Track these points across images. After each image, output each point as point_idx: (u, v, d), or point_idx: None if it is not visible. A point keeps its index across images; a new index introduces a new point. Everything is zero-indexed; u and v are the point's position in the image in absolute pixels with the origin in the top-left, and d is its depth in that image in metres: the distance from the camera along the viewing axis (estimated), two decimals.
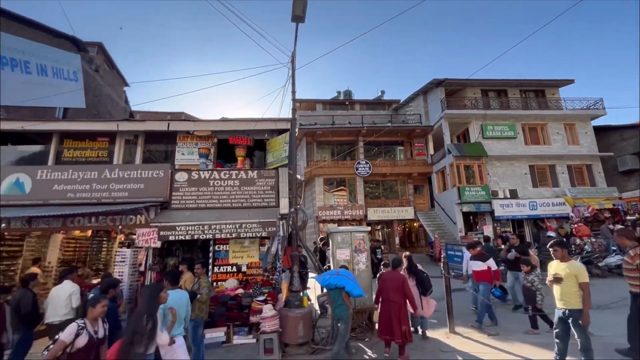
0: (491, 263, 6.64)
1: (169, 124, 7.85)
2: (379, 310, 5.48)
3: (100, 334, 3.19)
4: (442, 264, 6.56)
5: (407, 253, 6.65)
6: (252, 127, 8.10)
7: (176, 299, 4.04)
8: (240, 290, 6.73)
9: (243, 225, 6.74)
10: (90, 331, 3.06)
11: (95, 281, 7.59)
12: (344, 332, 4.96)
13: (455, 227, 16.55)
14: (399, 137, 20.47)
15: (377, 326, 5.65)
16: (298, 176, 8.38)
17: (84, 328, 3.01)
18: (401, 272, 5.60)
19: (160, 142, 8.42)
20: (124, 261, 6.87)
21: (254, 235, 6.81)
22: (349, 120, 22.94)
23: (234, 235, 6.75)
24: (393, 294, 5.10)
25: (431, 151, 20.14)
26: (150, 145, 8.35)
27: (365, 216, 18.06)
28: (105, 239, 10.57)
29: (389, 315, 5.08)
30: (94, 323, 3.14)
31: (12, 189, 6.97)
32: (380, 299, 5.38)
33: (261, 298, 6.44)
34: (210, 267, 7.15)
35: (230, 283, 7.13)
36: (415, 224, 20.23)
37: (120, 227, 7.05)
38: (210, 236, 6.71)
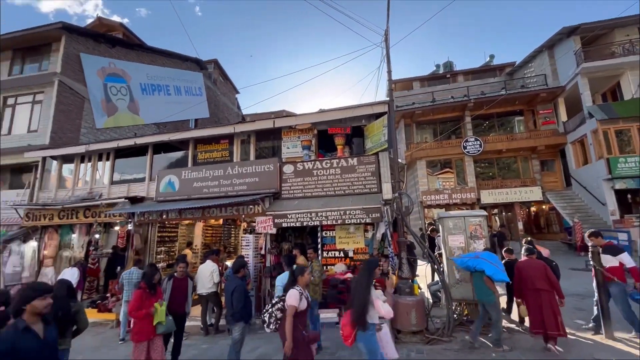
0: (624, 258, 4.99)
1: (274, 121, 8.55)
2: (523, 302, 5.09)
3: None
4: (590, 254, 5.30)
5: (528, 238, 5.79)
6: (348, 115, 8.11)
7: (284, 279, 4.39)
8: (349, 275, 6.91)
9: (347, 212, 6.87)
10: (306, 295, 3.52)
11: (228, 262, 9.00)
12: (497, 317, 4.81)
13: (605, 208, 13.23)
14: (516, 106, 17.44)
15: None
16: (399, 160, 8.02)
17: (302, 293, 3.43)
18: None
19: (268, 139, 9.28)
20: (248, 245, 7.91)
21: (358, 221, 6.87)
22: (452, 94, 20.76)
23: (339, 221, 6.95)
24: (539, 282, 4.63)
25: (563, 118, 16.49)
26: (260, 142, 9.29)
27: (478, 199, 16.17)
28: (232, 226, 12.42)
29: (539, 306, 4.63)
30: (303, 290, 3.56)
31: (167, 188, 8.81)
32: (523, 290, 4.90)
33: None
34: (319, 252, 7.57)
35: (339, 267, 7.40)
36: (544, 207, 17.07)
37: (243, 216, 8.12)
38: (317, 223, 7.07)
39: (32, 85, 12.08)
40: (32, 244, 9.67)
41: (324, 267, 7.41)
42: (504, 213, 17.62)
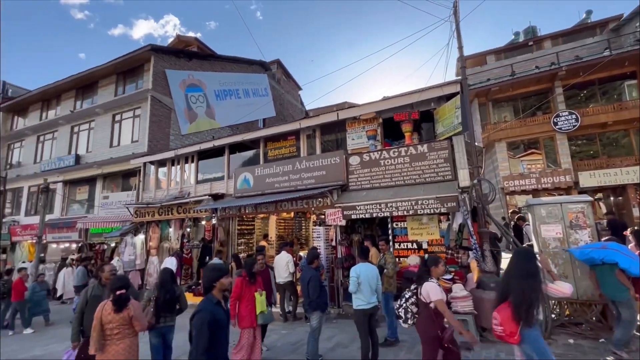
0: None
1: (337, 114, 8.54)
2: None
3: None
4: None
5: (635, 228, 4.82)
6: (415, 99, 7.67)
7: (366, 271, 4.35)
8: None
9: (419, 202, 6.54)
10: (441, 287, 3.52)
11: (301, 253, 9.39)
12: (630, 319, 4.12)
13: None
14: (626, 68, 14.40)
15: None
16: (477, 143, 7.31)
17: (439, 285, 3.43)
18: None
19: (332, 132, 9.34)
20: (319, 237, 8.12)
21: (431, 211, 6.50)
22: (536, 64, 18.11)
23: (410, 212, 6.66)
24: None
25: None
26: (325, 136, 9.40)
27: (576, 183, 13.91)
28: (303, 219, 12.90)
29: None
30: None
31: (243, 185, 9.52)
32: None
33: (448, 277, 6.09)
34: (390, 243, 7.39)
35: (413, 260, 7.12)
36: None
37: (313, 208, 8.36)
38: (388, 214, 6.89)
39: (132, 102, 14.15)
40: (141, 236, 11.44)
41: (397, 259, 7.23)
42: (611, 198, 14.87)
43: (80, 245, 14.00)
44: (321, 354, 4.75)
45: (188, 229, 10.67)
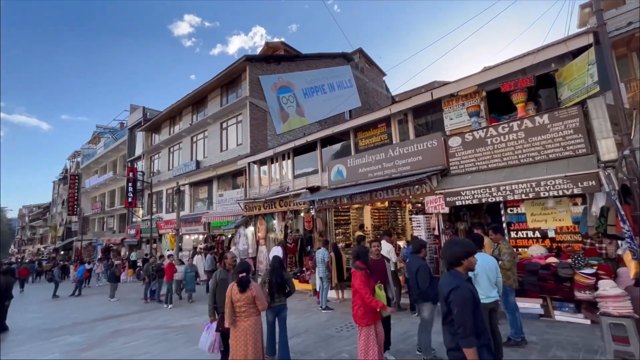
0: None
1: (431, 93, 7.91)
2: None
3: None
4: None
5: None
6: (528, 62, 6.50)
7: (482, 261, 3.90)
8: (553, 259, 5.61)
9: (542, 183, 5.57)
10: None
11: (400, 242, 9.11)
12: None
13: None
14: None
15: None
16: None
17: None
18: None
19: (426, 114, 8.72)
20: (419, 226, 7.73)
21: (559, 193, 5.45)
22: None
23: (530, 195, 5.73)
24: None
25: None
26: (418, 119, 8.84)
27: None
28: (397, 208, 12.49)
29: None
30: None
31: (336, 176, 9.73)
32: None
33: (589, 271, 5.03)
34: (505, 232, 6.51)
35: (536, 250, 6.14)
36: None
37: (411, 196, 7.99)
38: (501, 198, 6.08)
39: (235, 110, 15.96)
40: (251, 228, 12.89)
41: (514, 250, 6.33)
42: None
43: (205, 236, 16.62)
44: (434, 348, 4.51)
45: (289, 221, 11.51)
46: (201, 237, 17.41)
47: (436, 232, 7.33)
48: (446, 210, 6.97)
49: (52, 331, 7.98)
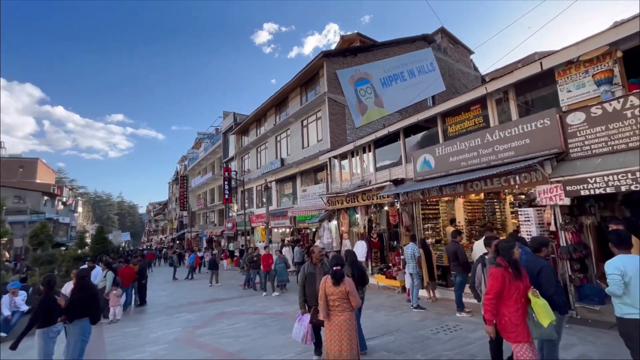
0: None
1: (541, 62, 6.64)
2: None
3: None
4: None
5: None
6: None
7: (636, 266, 3.04)
8: None
9: None
10: None
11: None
12: None
13: None
14: None
15: None
16: None
17: None
18: None
19: (533, 89, 7.41)
20: (528, 221, 6.62)
21: None
22: None
23: None
24: None
25: None
26: (522, 96, 7.57)
27: None
28: (495, 200, 11.05)
29: None
30: None
31: (423, 167, 9.07)
32: None
33: None
34: None
35: None
36: None
37: (517, 185, 6.91)
38: None
39: (314, 107, 16.35)
40: (334, 222, 13.05)
41: None
42: None
43: (292, 230, 17.54)
44: None
45: (373, 215, 11.24)
46: (288, 230, 18.45)
47: (552, 228, 6.16)
48: (566, 201, 5.79)
49: (174, 308, 9.42)
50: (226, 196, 24.23)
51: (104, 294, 8.32)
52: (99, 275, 8.61)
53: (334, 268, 3.88)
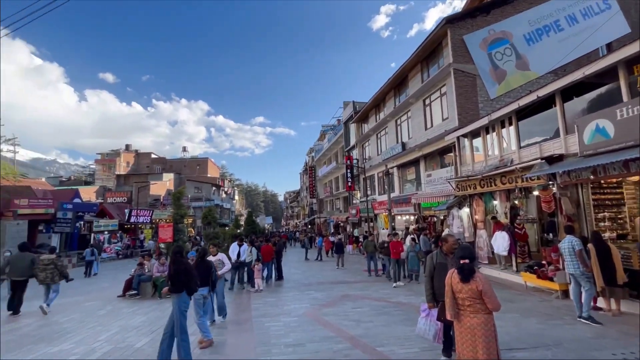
0: None
1: None
2: None
3: None
4: None
5: None
6: None
7: None
8: None
9: None
10: None
11: None
12: None
13: None
14: None
15: None
16: None
17: None
18: None
19: None
20: None
21: None
22: None
23: None
24: None
25: None
26: None
27: None
28: None
29: None
30: None
31: (594, 137, 6.80)
32: None
33: None
34: None
35: None
36: None
37: None
38: None
39: (437, 82, 14.74)
40: (466, 209, 11.52)
41: None
42: None
43: (416, 217, 16.59)
44: None
45: (516, 201, 9.32)
46: (412, 217, 17.55)
47: None
48: None
49: (305, 285, 10.32)
50: (349, 184, 25.00)
51: (250, 265, 9.89)
52: (246, 251, 10.24)
53: (461, 261, 3.27)
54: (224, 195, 52.44)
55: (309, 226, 48.01)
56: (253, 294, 9.13)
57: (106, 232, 22.71)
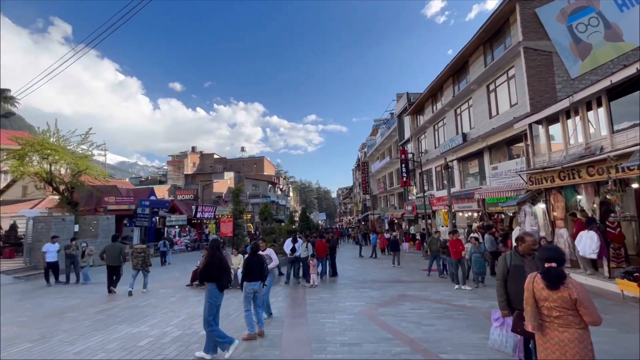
0: None
1: None
2: None
3: None
4: None
5: None
6: None
7: None
8: None
9: None
10: None
11: None
12: None
13: None
14: None
15: None
16: None
17: None
18: None
19: None
20: None
21: None
22: None
23: None
24: None
25: None
26: None
27: None
28: None
29: None
30: None
31: None
32: None
33: None
34: None
35: None
36: None
37: None
38: None
39: (503, 65, 13.28)
40: (541, 205, 10.19)
41: None
42: None
43: (480, 214, 15.24)
44: None
45: (609, 195, 7.93)
46: (476, 214, 16.19)
47: None
48: None
49: (360, 283, 10.11)
50: (404, 179, 24.03)
51: (306, 261, 10.00)
52: (301, 246, 10.36)
53: (546, 265, 2.78)
54: (279, 192, 54.39)
55: (362, 223, 47.46)
56: (308, 289, 9.20)
57: (177, 227, 25.05)
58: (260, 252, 6.43)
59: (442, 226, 17.77)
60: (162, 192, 38.25)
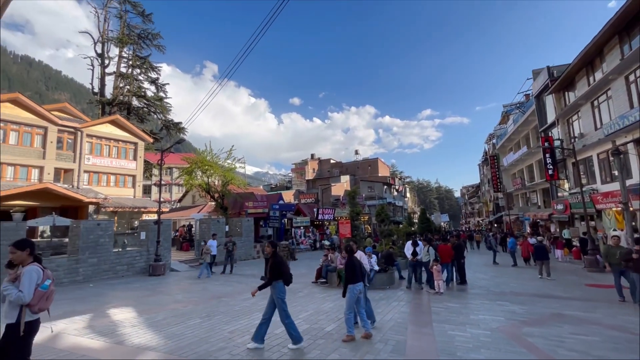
0: None
1: None
2: None
3: None
4: None
5: None
6: None
7: None
8: None
9: None
10: None
11: None
12: None
13: None
14: None
15: None
16: None
17: None
18: None
19: None
20: None
21: None
22: None
23: None
24: None
25: None
26: None
27: None
28: None
29: None
30: None
31: None
32: None
33: None
34: None
35: None
36: None
37: None
38: None
39: None
40: None
41: None
42: None
43: None
44: None
45: None
46: None
47: None
48: None
49: (496, 294, 8.74)
50: (550, 172, 19.67)
51: (428, 266, 9.34)
52: (422, 250, 9.74)
53: None
54: (395, 193, 53.10)
55: (495, 225, 41.34)
56: (432, 296, 8.54)
57: (302, 227, 27.57)
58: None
59: (614, 229, 13.67)
60: (288, 196, 42.91)
